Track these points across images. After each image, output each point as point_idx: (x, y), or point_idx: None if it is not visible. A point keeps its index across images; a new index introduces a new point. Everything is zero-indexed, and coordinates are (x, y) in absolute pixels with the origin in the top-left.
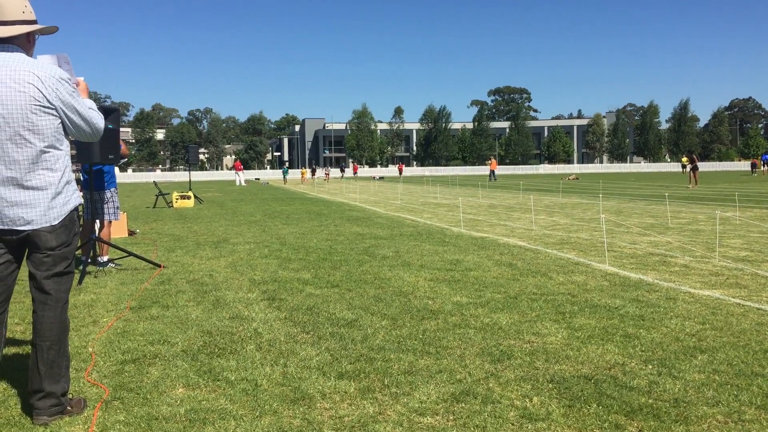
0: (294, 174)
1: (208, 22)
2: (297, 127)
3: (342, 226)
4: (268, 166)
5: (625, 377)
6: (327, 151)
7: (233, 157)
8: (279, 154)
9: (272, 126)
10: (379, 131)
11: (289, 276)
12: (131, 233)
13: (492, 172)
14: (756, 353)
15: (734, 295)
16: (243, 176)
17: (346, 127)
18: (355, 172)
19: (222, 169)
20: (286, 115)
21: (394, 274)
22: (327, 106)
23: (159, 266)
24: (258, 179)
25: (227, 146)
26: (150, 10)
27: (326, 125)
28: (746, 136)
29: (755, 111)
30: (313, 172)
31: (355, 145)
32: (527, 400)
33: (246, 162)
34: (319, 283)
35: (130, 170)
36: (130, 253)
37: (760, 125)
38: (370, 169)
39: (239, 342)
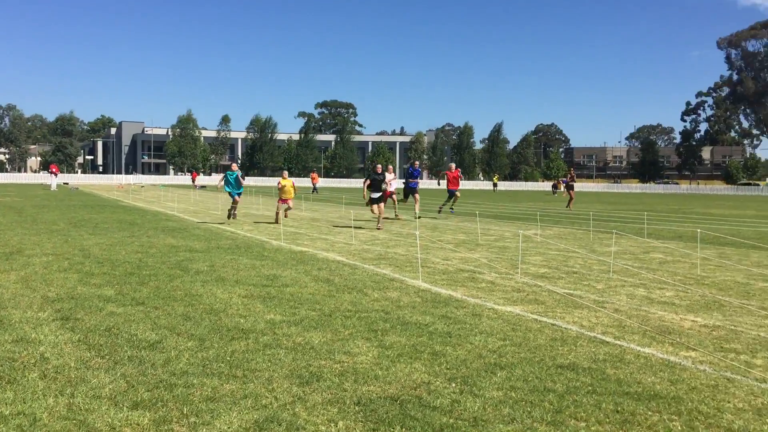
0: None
1: (13, 8)
2: (113, 130)
3: (155, 237)
4: (80, 170)
5: (429, 396)
6: (146, 157)
7: (39, 158)
8: (92, 158)
9: (85, 127)
10: (203, 138)
11: (90, 292)
12: None
13: (314, 185)
14: (549, 369)
15: (533, 311)
16: (56, 180)
17: (167, 132)
18: (454, 189)
19: (25, 171)
20: (102, 116)
21: (206, 290)
22: (148, 110)
23: None
24: (66, 183)
25: (32, 147)
26: None
27: (146, 129)
28: (549, 158)
29: (557, 136)
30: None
31: (176, 151)
32: (333, 425)
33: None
34: (122, 301)
35: None
36: None
37: (560, 149)
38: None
39: (21, 369)
